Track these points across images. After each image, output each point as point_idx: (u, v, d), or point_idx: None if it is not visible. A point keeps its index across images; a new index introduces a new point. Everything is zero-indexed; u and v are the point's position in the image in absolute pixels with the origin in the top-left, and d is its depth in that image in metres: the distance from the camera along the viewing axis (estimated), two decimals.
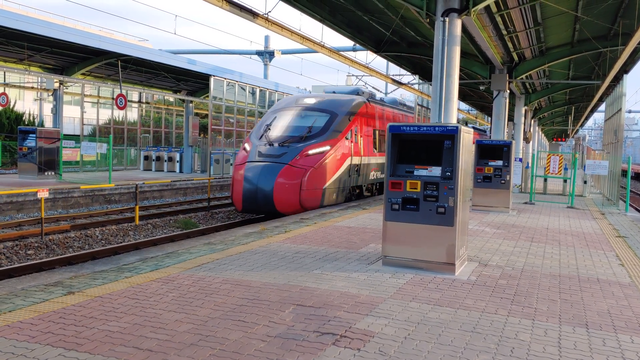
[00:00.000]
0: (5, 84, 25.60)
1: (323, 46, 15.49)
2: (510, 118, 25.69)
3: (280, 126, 15.13)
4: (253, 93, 28.63)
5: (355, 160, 15.91)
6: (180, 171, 26.78)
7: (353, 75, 29.50)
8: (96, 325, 4.48)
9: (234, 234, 9.24)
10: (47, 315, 4.69)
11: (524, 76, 18.53)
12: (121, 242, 12.34)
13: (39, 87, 29.34)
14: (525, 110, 24.75)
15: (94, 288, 5.59)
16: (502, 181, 13.81)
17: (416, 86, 24.39)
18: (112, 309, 4.90)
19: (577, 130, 53.97)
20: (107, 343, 4.09)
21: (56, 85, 23.18)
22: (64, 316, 4.68)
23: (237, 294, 5.51)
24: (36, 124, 28.43)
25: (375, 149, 17.89)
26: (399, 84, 23.26)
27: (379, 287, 5.93)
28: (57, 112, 23.30)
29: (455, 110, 10.22)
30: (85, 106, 24.18)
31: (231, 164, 24.90)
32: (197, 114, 30.59)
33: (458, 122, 16.71)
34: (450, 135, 6.59)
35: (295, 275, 6.33)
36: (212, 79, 24.13)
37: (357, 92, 17.89)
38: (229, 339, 4.26)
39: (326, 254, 7.62)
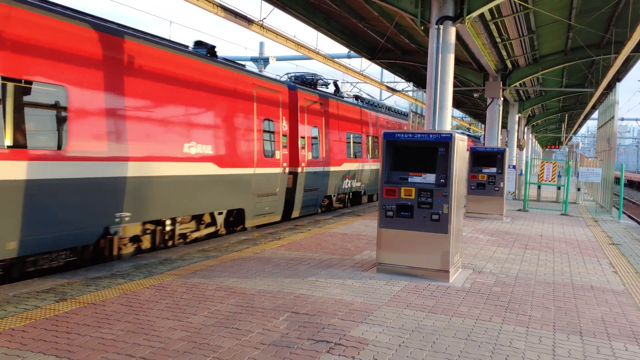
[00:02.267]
0: None
1: (318, 53, 15.54)
2: (504, 125, 25.84)
3: None
4: None
5: None
6: None
7: (348, 82, 29.57)
8: (89, 332, 4.45)
9: (228, 240, 9.21)
10: (39, 323, 4.66)
11: (517, 84, 18.66)
12: None
13: None
14: (519, 118, 24.90)
15: (86, 295, 5.55)
16: (496, 188, 13.88)
17: (410, 93, 24.49)
18: (105, 316, 4.86)
19: (571, 138, 54.29)
20: (100, 350, 4.06)
21: None
22: (56, 323, 4.65)
23: (230, 301, 5.49)
24: None
25: None
26: (394, 90, 23.36)
27: (374, 295, 5.92)
28: None
29: (449, 118, 10.26)
30: None
31: None
32: None
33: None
34: (445, 142, 6.62)
35: (290, 283, 6.31)
36: None
37: None
38: (223, 346, 4.23)
39: (320, 261, 7.60)
